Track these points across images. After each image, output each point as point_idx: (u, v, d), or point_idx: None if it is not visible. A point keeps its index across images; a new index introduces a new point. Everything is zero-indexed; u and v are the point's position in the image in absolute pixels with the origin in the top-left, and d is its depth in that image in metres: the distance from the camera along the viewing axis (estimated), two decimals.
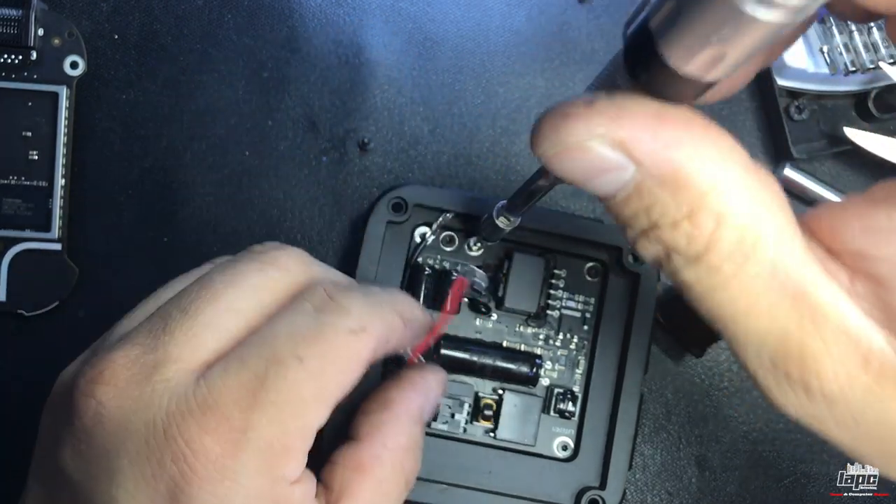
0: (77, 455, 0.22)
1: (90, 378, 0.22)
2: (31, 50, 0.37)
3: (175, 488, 0.21)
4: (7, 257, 0.36)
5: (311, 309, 0.23)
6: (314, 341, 0.22)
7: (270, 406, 0.21)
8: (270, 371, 0.21)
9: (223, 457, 0.21)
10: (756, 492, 0.40)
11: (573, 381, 0.37)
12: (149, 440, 0.21)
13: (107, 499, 0.21)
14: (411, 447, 0.26)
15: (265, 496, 0.21)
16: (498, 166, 0.40)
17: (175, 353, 0.22)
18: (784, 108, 0.40)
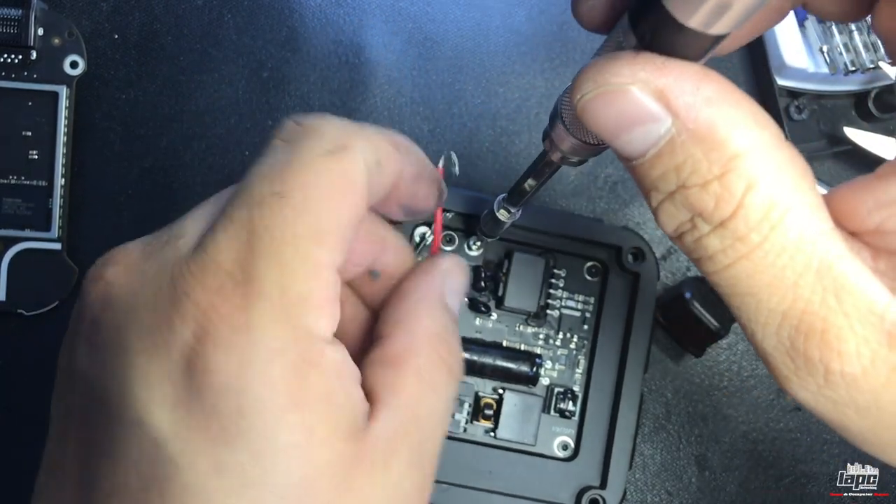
0: (91, 348, 0.20)
1: (101, 263, 0.21)
2: (32, 49, 0.37)
3: (190, 352, 0.19)
4: (7, 257, 0.36)
5: (281, 143, 0.20)
6: (289, 173, 0.20)
7: (266, 251, 0.19)
8: (254, 215, 0.19)
9: (235, 311, 0.19)
10: (756, 492, 0.40)
11: (573, 380, 0.37)
12: (157, 307, 0.19)
13: (120, 382, 0.19)
14: (441, 332, 0.23)
15: (289, 350, 0.19)
16: (498, 166, 0.40)
17: (184, 228, 0.21)
18: (784, 108, 0.40)
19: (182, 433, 0.18)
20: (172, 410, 0.18)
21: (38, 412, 0.37)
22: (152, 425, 0.18)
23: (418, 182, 0.24)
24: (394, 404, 0.21)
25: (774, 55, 0.40)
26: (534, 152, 0.40)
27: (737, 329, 0.40)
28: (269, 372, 0.18)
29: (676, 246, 0.18)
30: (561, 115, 0.22)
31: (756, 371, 0.40)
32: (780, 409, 0.40)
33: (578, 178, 0.40)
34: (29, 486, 0.38)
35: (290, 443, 0.19)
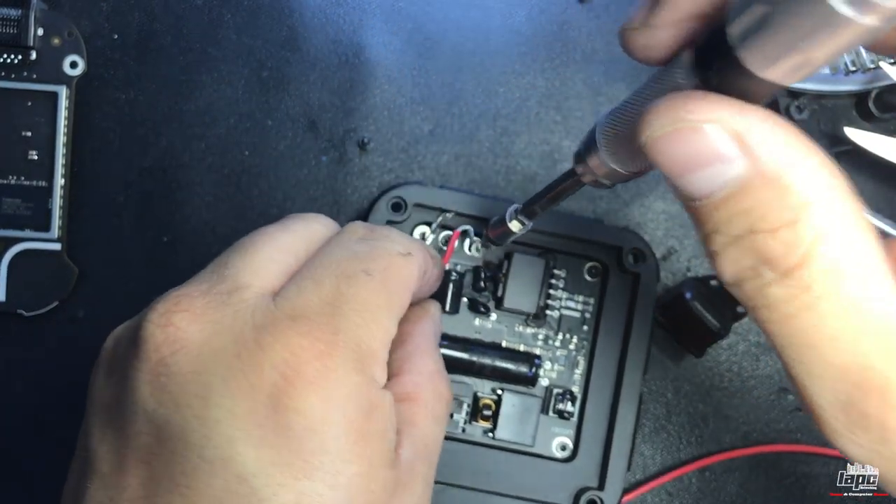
0: (158, 389, 0.21)
1: (164, 310, 0.22)
2: (31, 50, 0.37)
3: (278, 393, 0.21)
4: (7, 257, 0.36)
5: (358, 238, 0.25)
6: (375, 258, 0.24)
7: (352, 313, 0.22)
8: (343, 285, 0.23)
9: (322, 356, 0.21)
10: (756, 492, 0.40)
11: (572, 381, 0.37)
12: (240, 353, 0.21)
13: (203, 422, 0.21)
14: (439, 370, 0.27)
15: (363, 395, 0.22)
16: (498, 166, 0.40)
17: (245, 281, 0.23)
18: (784, 108, 0.40)
19: (267, 468, 0.20)
20: (258, 447, 0.20)
21: (38, 412, 0.37)
22: (238, 461, 0.20)
23: (435, 282, 0.29)
24: (412, 434, 0.24)
25: None
26: (534, 152, 0.40)
27: (737, 329, 0.40)
28: (347, 412, 0.21)
29: (734, 293, 0.18)
30: (601, 142, 0.22)
31: (756, 371, 0.40)
32: (780, 410, 0.40)
33: None
34: (29, 485, 0.38)
35: (357, 473, 0.21)
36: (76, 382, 0.38)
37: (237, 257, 0.24)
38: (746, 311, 0.37)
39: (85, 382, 0.37)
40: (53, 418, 0.37)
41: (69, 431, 0.37)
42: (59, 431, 0.37)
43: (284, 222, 0.26)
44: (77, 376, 0.38)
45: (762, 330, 0.18)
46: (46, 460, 0.37)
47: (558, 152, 0.40)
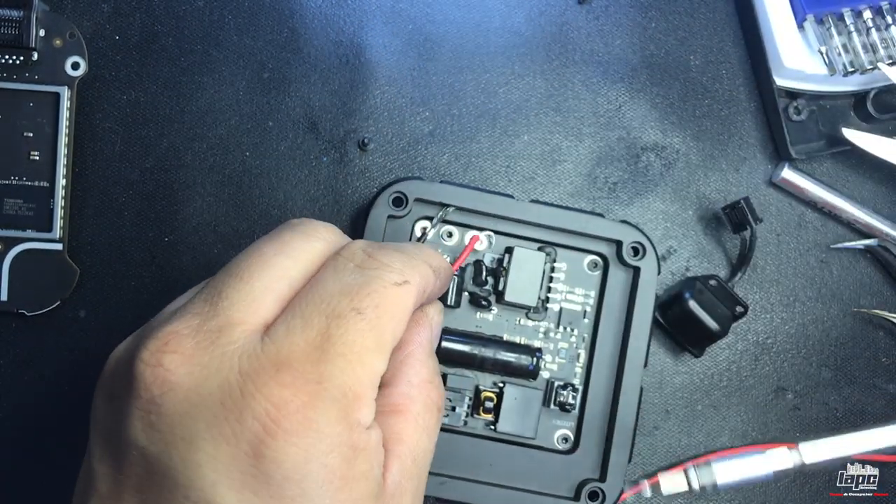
0: (148, 426, 0.22)
1: (155, 349, 0.22)
2: (33, 51, 0.37)
3: (259, 444, 0.21)
4: (8, 257, 0.37)
5: (354, 266, 0.24)
6: (367, 294, 0.23)
7: (339, 357, 0.22)
8: (332, 325, 0.22)
9: (304, 408, 0.21)
10: (755, 492, 0.40)
11: (573, 374, 0.37)
12: (224, 401, 0.21)
13: (187, 465, 0.21)
14: (432, 378, 0.27)
15: (345, 443, 0.22)
16: (498, 166, 0.40)
17: (237, 317, 0.23)
18: (783, 109, 0.40)
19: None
20: (239, 492, 0.21)
21: (40, 412, 0.37)
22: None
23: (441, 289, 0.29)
24: (399, 451, 0.24)
25: (773, 56, 0.40)
26: (534, 152, 0.40)
27: (736, 329, 0.40)
28: (328, 461, 0.22)
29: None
30: None
31: (755, 371, 0.41)
32: (779, 410, 0.40)
33: (578, 178, 0.40)
34: (29, 485, 0.38)
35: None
36: (78, 382, 0.38)
37: (232, 285, 0.24)
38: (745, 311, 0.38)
39: (86, 382, 0.38)
40: (55, 418, 0.37)
41: (71, 431, 0.37)
42: (61, 431, 0.38)
43: (282, 237, 0.25)
44: (79, 376, 0.38)
45: None
46: (48, 460, 0.37)
47: (558, 152, 0.40)
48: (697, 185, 0.41)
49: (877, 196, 0.42)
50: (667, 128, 0.41)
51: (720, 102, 0.41)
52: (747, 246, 0.39)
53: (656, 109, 0.41)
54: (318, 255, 0.25)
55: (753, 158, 0.41)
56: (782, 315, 0.41)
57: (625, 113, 0.41)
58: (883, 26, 0.39)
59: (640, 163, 0.41)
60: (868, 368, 0.41)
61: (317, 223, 0.26)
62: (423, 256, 0.27)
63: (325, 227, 0.26)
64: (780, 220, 0.41)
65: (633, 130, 0.41)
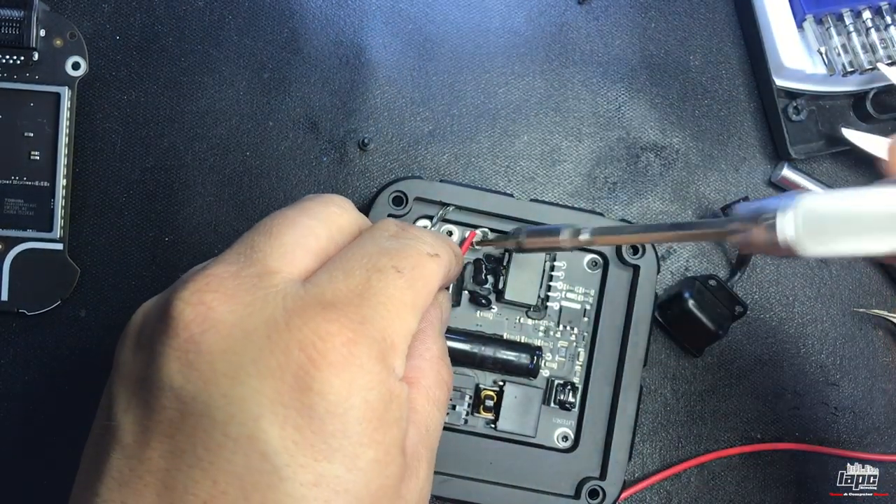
0: (186, 366, 0.22)
1: (195, 289, 0.22)
2: (33, 51, 0.37)
3: (304, 375, 0.21)
4: (9, 257, 0.37)
5: (390, 235, 0.26)
6: (405, 257, 0.24)
7: (380, 305, 0.23)
8: (373, 278, 0.23)
9: (348, 343, 0.22)
10: (755, 491, 0.40)
11: (573, 372, 0.37)
12: (271, 335, 0.22)
13: (227, 400, 0.21)
14: (443, 356, 0.28)
15: (383, 384, 0.22)
16: (498, 166, 0.40)
17: (274, 266, 0.23)
18: (782, 109, 0.40)
19: (290, 448, 0.21)
20: (282, 426, 0.21)
21: (40, 411, 0.37)
22: (261, 440, 0.21)
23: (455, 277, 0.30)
24: (414, 420, 0.25)
25: (773, 56, 0.40)
26: (534, 152, 0.40)
27: (735, 329, 0.40)
28: (369, 398, 0.22)
29: None
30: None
31: (755, 371, 0.41)
32: (778, 410, 0.40)
33: (578, 178, 0.40)
34: (29, 484, 0.38)
35: (374, 458, 0.22)
36: (78, 382, 0.38)
37: (263, 240, 0.24)
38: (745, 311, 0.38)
39: (86, 382, 0.38)
40: (55, 418, 0.37)
41: (71, 431, 0.37)
42: (61, 431, 0.38)
43: (302, 205, 0.26)
44: (79, 376, 0.38)
45: None
46: (48, 459, 0.37)
47: (558, 152, 0.40)
48: (697, 185, 0.41)
49: None
50: (666, 128, 0.41)
51: (720, 103, 0.42)
52: None
53: (656, 110, 0.41)
54: (337, 218, 0.26)
55: (753, 158, 0.41)
56: (782, 315, 0.41)
57: (624, 113, 0.41)
58: (882, 26, 0.39)
59: (639, 163, 0.41)
60: (868, 368, 0.41)
61: (331, 195, 0.27)
62: (445, 239, 0.28)
63: (340, 197, 0.27)
64: None
65: (633, 130, 0.41)
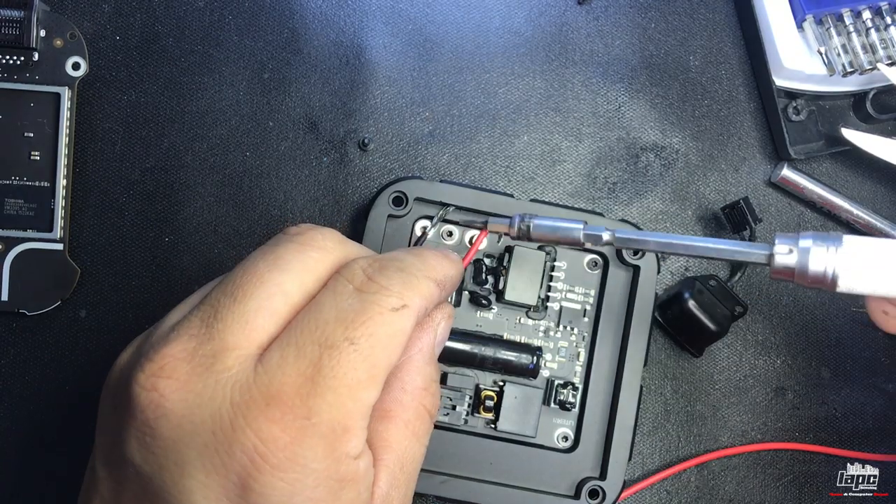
0: (143, 447, 0.23)
1: (150, 372, 0.23)
2: (33, 51, 0.37)
3: (247, 477, 0.21)
4: (9, 257, 0.37)
5: (353, 290, 0.24)
6: (362, 323, 0.23)
7: (329, 392, 0.22)
8: (325, 356, 0.22)
9: (291, 444, 0.22)
10: (755, 491, 0.40)
11: (573, 372, 0.37)
12: (216, 432, 0.22)
13: (178, 489, 0.22)
14: (427, 385, 0.26)
15: (332, 476, 0.22)
16: (498, 167, 0.40)
17: (231, 341, 0.23)
18: (782, 109, 0.40)
19: None
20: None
21: (40, 411, 0.37)
22: None
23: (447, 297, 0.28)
24: (387, 460, 0.25)
25: (773, 56, 0.40)
26: (534, 152, 0.40)
27: (735, 329, 0.40)
28: (314, 495, 0.22)
29: None
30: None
31: (755, 371, 0.41)
32: (778, 409, 0.40)
33: (578, 179, 0.40)
34: (29, 483, 0.38)
35: None
36: (78, 382, 0.38)
37: (226, 306, 0.23)
38: (745, 311, 0.38)
39: (87, 382, 0.38)
40: (56, 418, 0.37)
41: (71, 431, 0.37)
42: (62, 431, 0.38)
43: (277, 253, 0.25)
44: (79, 376, 0.38)
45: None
46: (48, 459, 0.37)
47: (558, 152, 0.40)
48: (697, 186, 0.41)
49: (876, 196, 0.42)
50: (666, 128, 0.41)
51: (720, 103, 0.42)
52: None
53: (656, 110, 0.41)
54: (315, 264, 0.25)
55: (753, 158, 0.41)
56: (782, 315, 0.41)
57: (624, 113, 0.41)
58: (882, 27, 0.39)
59: (639, 163, 0.41)
60: (868, 368, 0.41)
61: (314, 231, 0.26)
62: (426, 272, 0.26)
63: (322, 235, 0.26)
64: (780, 220, 0.41)
65: (633, 131, 0.41)
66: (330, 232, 0.26)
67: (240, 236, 0.39)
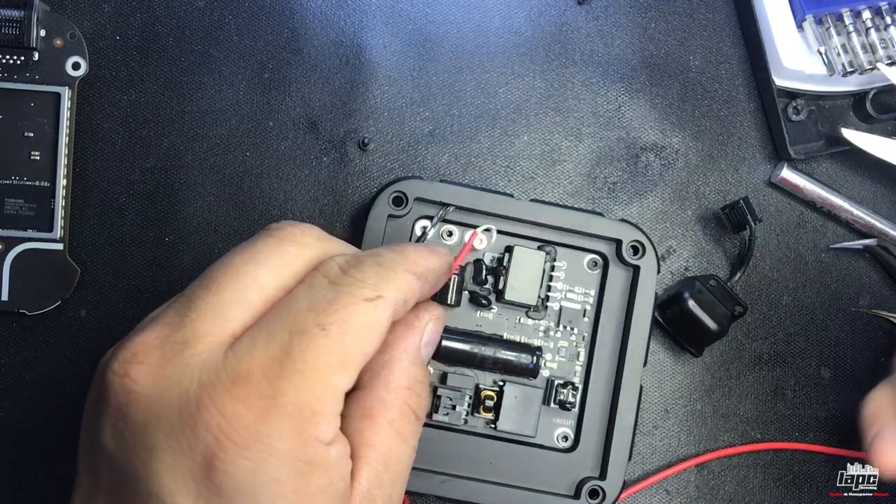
0: (116, 433, 0.23)
1: (124, 359, 0.23)
2: (33, 51, 0.37)
3: (211, 456, 0.21)
4: (9, 257, 0.37)
5: (327, 282, 0.24)
6: (334, 311, 0.23)
7: (297, 374, 0.22)
8: (294, 341, 0.22)
9: (255, 422, 0.22)
10: (754, 491, 0.40)
11: (573, 372, 0.37)
12: (182, 412, 0.22)
13: (147, 472, 0.22)
14: (412, 385, 0.26)
15: (299, 458, 0.22)
16: (498, 167, 0.40)
17: (203, 329, 0.23)
18: (782, 109, 0.40)
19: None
20: (195, 502, 0.22)
21: (40, 411, 0.37)
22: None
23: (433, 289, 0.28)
24: (369, 458, 0.24)
25: (773, 56, 0.40)
26: (534, 152, 0.40)
27: (735, 329, 0.40)
28: (279, 475, 0.22)
29: None
30: None
31: (754, 371, 0.41)
32: (779, 409, 0.40)
33: (578, 178, 0.40)
34: (30, 483, 0.38)
35: None
36: (78, 382, 0.38)
37: (201, 296, 0.24)
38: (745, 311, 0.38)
39: (87, 382, 0.38)
40: (56, 418, 0.37)
41: (71, 431, 0.37)
42: (61, 431, 0.38)
43: (255, 248, 0.25)
44: (79, 376, 0.38)
45: None
46: (48, 459, 0.37)
47: (558, 152, 0.40)
48: (697, 186, 0.41)
49: (876, 196, 0.42)
50: (666, 128, 0.41)
51: (719, 103, 0.42)
52: (747, 246, 0.39)
53: (656, 109, 0.41)
54: (292, 259, 0.25)
55: (753, 158, 0.41)
56: (782, 315, 0.41)
57: (624, 113, 0.41)
58: (882, 26, 0.39)
59: (639, 163, 0.41)
60: (868, 368, 0.41)
61: (293, 227, 0.26)
62: (405, 265, 0.26)
63: (302, 230, 0.26)
64: (780, 220, 0.41)
65: (633, 130, 0.41)
66: (310, 228, 0.26)
67: (240, 236, 0.39)
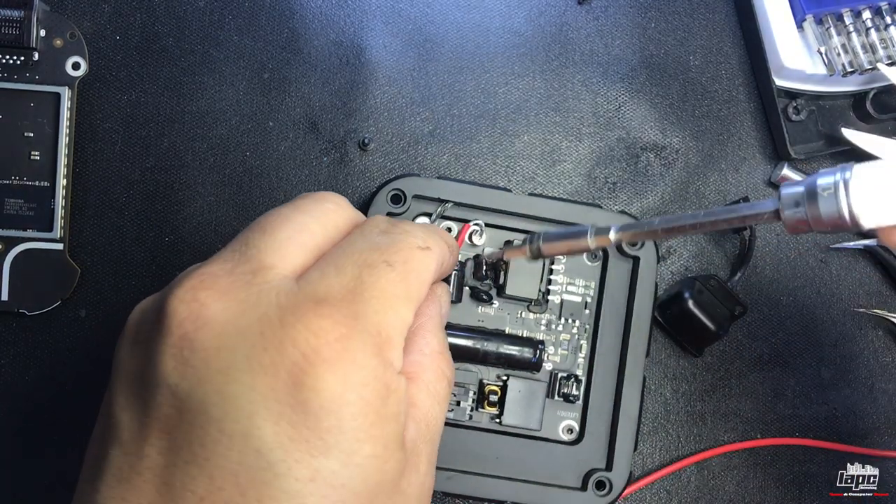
0: (181, 363, 0.22)
1: (189, 286, 0.23)
2: (33, 51, 0.37)
3: (299, 372, 0.21)
4: (9, 257, 0.37)
5: (379, 231, 0.26)
6: (397, 251, 0.25)
7: (373, 300, 0.23)
8: (364, 273, 0.23)
9: (342, 338, 0.22)
10: (755, 491, 0.40)
11: (576, 365, 0.38)
12: (264, 331, 0.22)
13: (221, 397, 0.21)
14: (443, 350, 0.27)
15: (379, 379, 0.22)
16: (497, 166, 0.40)
17: (268, 262, 0.23)
18: (782, 109, 0.40)
19: (285, 444, 0.21)
20: (276, 423, 0.21)
21: (40, 410, 0.37)
22: (256, 436, 0.21)
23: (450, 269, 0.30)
24: (414, 415, 0.25)
25: (773, 56, 0.40)
26: (534, 152, 0.40)
27: (735, 329, 0.40)
28: (365, 392, 0.22)
29: None
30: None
31: (754, 371, 0.41)
32: (779, 409, 0.40)
33: (578, 178, 0.40)
34: (30, 483, 0.38)
35: (371, 454, 0.22)
36: (78, 382, 0.38)
37: (257, 237, 0.24)
38: (745, 311, 0.38)
39: (87, 382, 0.38)
40: (56, 417, 0.37)
41: (71, 430, 0.37)
42: (62, 430, 0.38)
43: (297, 202, 0.26)
44: (79, 376, 0.38)
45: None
46: (48, 459, 0.37)
47: (558, 152, 0.40)
48: (697, 185, 0.41)
49: None
50: (666, 128, 0.41)
51: (720, 102, 0.42)
52: (747, 246, 0.39)
53: (656, 109, 0.41)
54: (333, 214, 0.26)
55: (753, 158, 0.41)
56: (782, 315, 0.41)
57: (624, 113, 0.41)
58: (882, 26, 0.39)
59: (639, 163, 0.41)
60: (868, 368, 0.41)
61: (326, 193, 0.27)
62: (439, 231, 0.28)
63: (335, 194, 0.27)
64: None
65: (633, 130, 0.41)
66: (338, 195, 0.27)
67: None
